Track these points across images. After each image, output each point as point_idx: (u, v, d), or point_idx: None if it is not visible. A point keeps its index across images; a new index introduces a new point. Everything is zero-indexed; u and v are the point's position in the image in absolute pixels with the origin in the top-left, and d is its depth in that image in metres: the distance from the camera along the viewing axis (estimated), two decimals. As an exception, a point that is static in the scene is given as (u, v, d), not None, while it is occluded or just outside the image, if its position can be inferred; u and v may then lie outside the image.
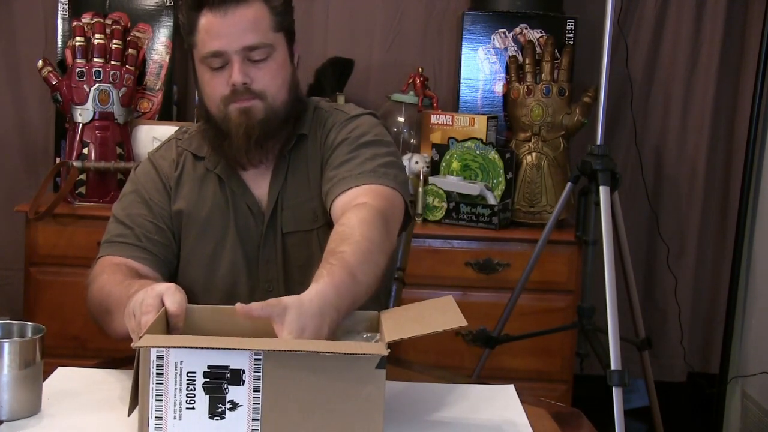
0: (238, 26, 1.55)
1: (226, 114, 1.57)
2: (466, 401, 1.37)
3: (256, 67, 1.56)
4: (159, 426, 1.14)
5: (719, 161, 3.12)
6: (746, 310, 2.99)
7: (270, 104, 1.57)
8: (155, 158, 1.71)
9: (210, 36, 1.55)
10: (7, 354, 1.22)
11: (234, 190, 1.65)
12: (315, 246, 1.62)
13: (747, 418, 2.94)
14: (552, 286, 2.67)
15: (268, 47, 1.57)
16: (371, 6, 3.14)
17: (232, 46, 1.54)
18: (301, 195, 1.63)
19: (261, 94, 1.57)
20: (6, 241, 3.07)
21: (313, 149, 1.65)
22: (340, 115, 1.69)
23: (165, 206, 1.66)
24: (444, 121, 2.85)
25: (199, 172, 1.68)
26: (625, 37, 3.04)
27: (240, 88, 1.55)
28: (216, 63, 1.56)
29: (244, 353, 1.13)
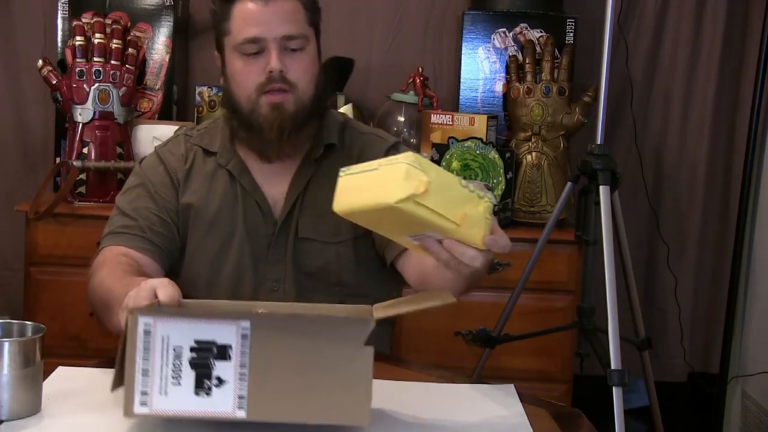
0: (278, 15, 1.57)
1: (257, 106, 1.58)
2: (466, 401, 1.37)
3: (291, 56, 1.58)
4: (144, 402, 1.13)
5: (719, 161, 3.12)
6: (746, 310, 2.99)
7: (300, 97, 1.59)
8: (162, 152, 1.71)
9: (247, 23, 1.57)
10: (7, 354, 1.22)
11: (245, 187, 1.65)
12: (331, 258, 1.63)
13: (747, 418, 2.94)
14: (552, 286, 2.67)
15: (304, 39, 1.59)
16: (371, 6, 3.14)
17: (272, 33, 1.56)
18: (325, 206, 1.61)
19: (293, 85, 1.58)
20: (6, 241, 3.07)
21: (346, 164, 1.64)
22: (380, 142, 1.71)
23: (171, 200, 1.66)
24: (444, 120, 2.85)
25: (209, 168, 1.68)
26: (625, 37, 3.04)
27: (276, 76, 1.56)
28: (251, 49, 1.57)
29: (231, 328, 1.12)
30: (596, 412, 1.66)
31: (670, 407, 2.85)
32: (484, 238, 1.18)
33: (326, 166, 1.65)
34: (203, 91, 2.97)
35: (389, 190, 1.13)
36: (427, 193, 1.12)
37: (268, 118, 1.57)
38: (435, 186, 1.13)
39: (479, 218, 1.18)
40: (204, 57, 3.13)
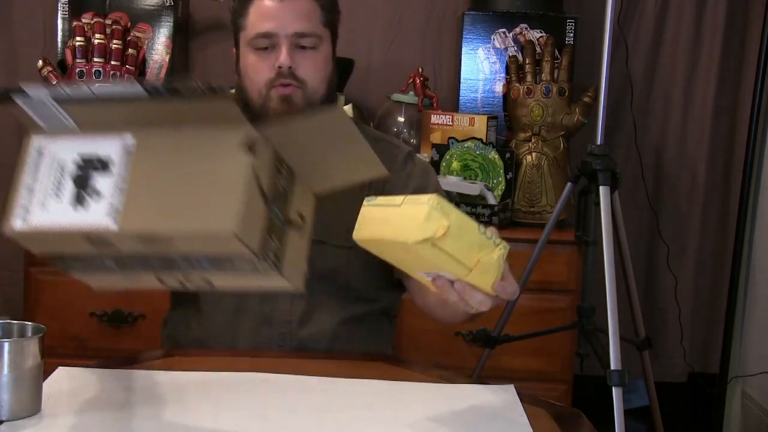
0: (292, 12, 1.59)
1: (267, 100, 1.60)
2: (466, 401, 1.37)
3: (302, 54, 1.59)
4: (24, 217, 1.14)
5: (719, 161, 3.12)
6: (746, 310, 2.99)
7: (309, 95, 1.60)
8: None
9: (262, 18, 1.59)
10: (7, 354, 1.22)
11: None
12: (342, 262, 1.62)
13: (747, 418, 2.94)
14: (552, 286, 2.67)
15: (317, 38, 1.61)
16: (371, 6, 3.14)
17: (285, 29, 1.58)
18: (338, 208, 1.59)
19: (302, 82, 1.59)
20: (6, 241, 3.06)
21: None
22: (393, 148, 1.71)
23: None
24: (444, 121, 2.85)
25: None
26: (625, 37, 3.04)
27: (285, 71, 1.58)
28: (263, 43, 1.59)
29: (115, 142, 1.11)
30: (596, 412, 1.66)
31: (670, 407, 2.85)
32: (494, 284, 1.22)
33: None
34: (203, 92, 2.97)
35: (409, 229, 1.16)
36: (445, 237, 1.15)
37: (277, 109, 1.59)
38: (454, 230, 1.16)
39: (492, 265, 1.21)
40: (204, 57, 3.13)
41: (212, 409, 1.30)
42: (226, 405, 1.31)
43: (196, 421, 1.26)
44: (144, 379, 1.41)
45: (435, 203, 1.15)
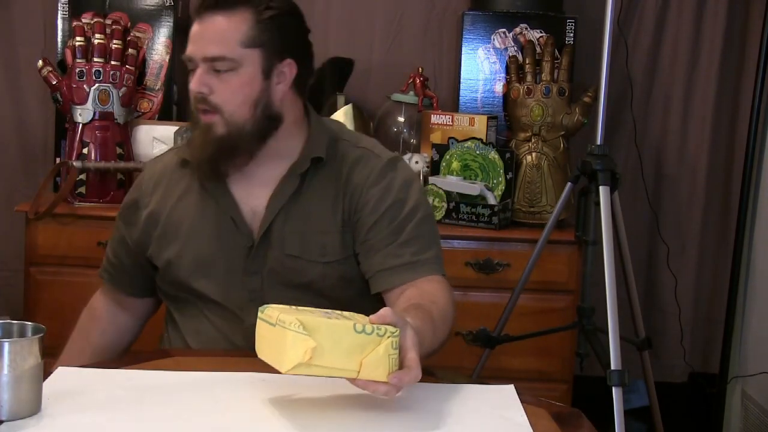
0: (206, 35, 1.55)
1: (198, 119, 1.58)
2: (466, 401, 1.37)
3: (218, 78, 1.54)
4: None
5: (719, 161, 3.12)
6: (746, 310, 2.99)
7: (228, 120, 1.55)
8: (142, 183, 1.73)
9: (189, 39, 1.57)
10: (7, 354, 1.22)
11: (217, 200, 1.63)
12: (317, 276, 1.61)
13: (747, 418, 2.94)
14: (552, 286, 2.67)
15: (231, 62, 1.54)
16: (371, 6, 3.14)
17: (198, 53, 1.55)
18: (314, 224, 1.61)
19: (217, 108, 1.55)
20: (6, 241, 3.07)
21: (335, 182, 1.63)
22: (372, 159, 1.65)
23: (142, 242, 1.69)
24: (444, 121, 2.85)
25: (185, 182, 1.67)
26: (625, 37, 3.04)
27: (198, 97, 1.55)
28: (190, 66, 1.57)
29: None
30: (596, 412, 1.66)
31: (670, 407, 2.85)
32: (389, 376, 1.21)
33: (314, 180, 1.62)
34: (203, 92, 2.97)
35: (281, 356, 1.20)
36: (315, 356, 1.18)
37: (198, 135, 1.58)
38: (323, 345, 1.18)
39: (380, 359, 1.21)
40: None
41: (212, 408, 1.30)
42: (226, 405, 1.31)
43: (196, 421, 1.26)
44: (144, 379, 1.41)
45: (297, 325, 1.18)
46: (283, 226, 1.60)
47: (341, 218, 1.61)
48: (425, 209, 1.66)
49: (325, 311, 1.27)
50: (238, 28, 1.54)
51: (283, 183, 1.61)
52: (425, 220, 1.64)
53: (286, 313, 1.22)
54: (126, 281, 1.77)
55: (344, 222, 1.61)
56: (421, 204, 1.65)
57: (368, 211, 1.60)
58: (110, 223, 2.57)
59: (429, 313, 1.43)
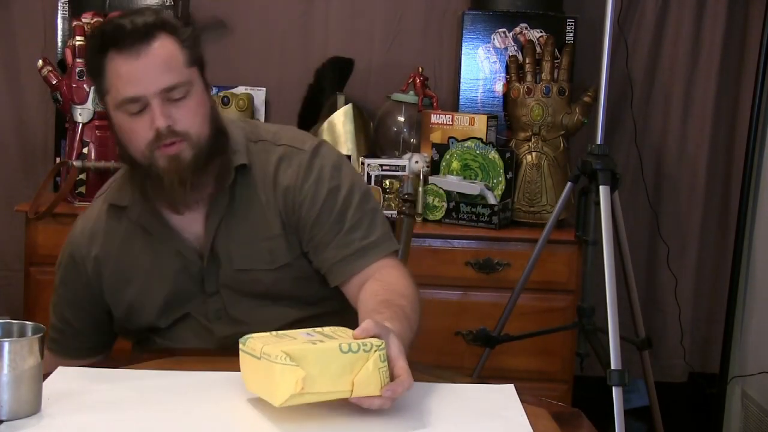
0: (152, 67, 1.47)
1: (153, 160, 1.50)
2: (466, 401, 1.37)
3: (176, 106, 1.49)
4: None
5: (719, 161, 3.12)
6: (746, 310, 2.99)
7: (195, 143, 1.50)
8: (75, 242, 1.67)
9: (124, 81, 1.47)
10: (7, 354, 1.22)
11: (160, 238, 1.59)
12: (271, 282, 1.60)
13: (747, 418, 2.94)
14: (552, 286, 2.67)
15: (186, 85, 1.50)
16: (371, 6, 3.14)
17: (150, 89, 1.46)
18: (254, 234, 1.59)
19: (185, 135, 1.49)
20: (6, 241, 3.07)
21: (263, 186, 1.60)
22: (296, 155, 1.61)
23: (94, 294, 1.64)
24: (444, 120, 2.85)
25: (123, 226, 1.62)
26: (625, 37, 3.04)
27: (164, 132, 1.47)
28: (135, 108, 1.48)
29: None
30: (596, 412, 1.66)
31: (670, 407, 2.85)
32: (383, 390, 1.22)
33: (241, 189, 1.59)
34: (203, 91, 2.96)
35: (272, 389, 1.21)
36: (306, 385, 1.18)
37: (167, 170, 1.50)
38: (313, 373, 1.19)
39: (370, 375, 1.22)
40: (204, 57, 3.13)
41: (212, 408, 1.30)
42: (226, 405, 1.30)
43: (195, 421, 1.26)
44: (144, 379, 1.41)
45: (283, 357, 1.18)
46: (226, 243, 1.58)
47: (280, 221, 1.59)
48: (360, 188, 1.63)
49: (306, 333, 1.28)
50: (175, 51, 1.50)
51: (213, 201, 1.57)
52: (364, 199, 1.62)
53: (269, 345, 1.22)
54: (78, 344, 1.70)
55: (284, 224, 1.59)
56: (356, 184, 1.63)
57: (306, 209, 1.58)
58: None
59: (401, 309, 1.44)
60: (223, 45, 3.12)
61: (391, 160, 2.79)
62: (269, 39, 3.13)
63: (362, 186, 1.65)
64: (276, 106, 3.12)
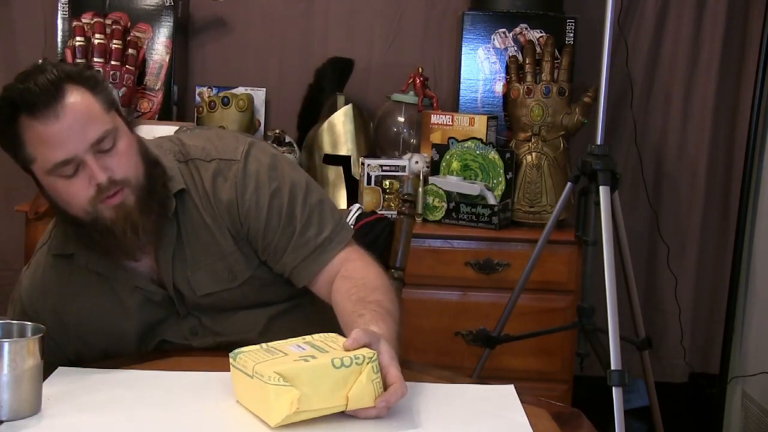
0: (76, 124, 1.39)
1: (98, 214, 1.44)
2: (466, 401, 1.37)
3: (109, 156, 1.42)
4: None
5: (719, 161, 3.12)
6: (746, 310, 2.99)
7: (135, 186, 1.45)
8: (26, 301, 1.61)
9: (50, 145, 1.39)
10: (7, 354, 1.22)
11: (117, 279, 1.55)
12: (239, 297, 1.58)
13: (747, 418, 2.94)
14: (552, 286, 2.67)
15: (113, 132, 1.43)
16: (371, 6, 3.14)
17: (80, 147, 1.39)
18: (208, 257, 1.56)
19: (125, 182, 1.44)
20: (6, 241, 3.07)
21: (205, 207, 1.56)
22: (229, 167, 1.56)
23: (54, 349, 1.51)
24: (444, 121, 2.85)
25: (74, 274, 1.57)
26: (625, 37, 3.04)
27: (105, 185, 1.41)
28: (69, 170, 1.40)
29: None
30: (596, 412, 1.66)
31: (670, 407, 2.85)
32: (377, 401, 1.23)
33: (184, 215, 1.54)
34: (203, 92, 2.97)
35: (267, 409, 1.21)
36: (301, 404, 1.19)
37: (115, 220, 1.44)
38: (308, 390, 1.20)
39: (364, 388, 1.23)
40: (204, 57, 3.13)
41: (212, 408, 1.30)
42: (225, 405, 1.30)
43: (195, 421, 1.26)
44: (144, 379, 1.41)
45: (275, 378, 1.19)
46: (183, 273, 1.55)
47: (231, 237, 1.56)
48: (301, 183, 1.59)
49: (297, 345, 1.28)
50: (90, 101, 1.42)
51: (160, 233, 1.52)
52: (308, 194, 1.58)
53: (261, 363, 1.22)
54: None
55: (235, 239, 1.56)
56: (296, 181, 1.59)
57: (253, 218, 1.55)
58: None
59: (379, 305, 1.42)
60: (223, 45, 3.12)
61: (391, 160, 2.79)
62: (269, 39, 3.14)
63: (302, 180, 1.60)
64: (276, 106, 3.13)
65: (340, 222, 1.60)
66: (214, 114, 2.85)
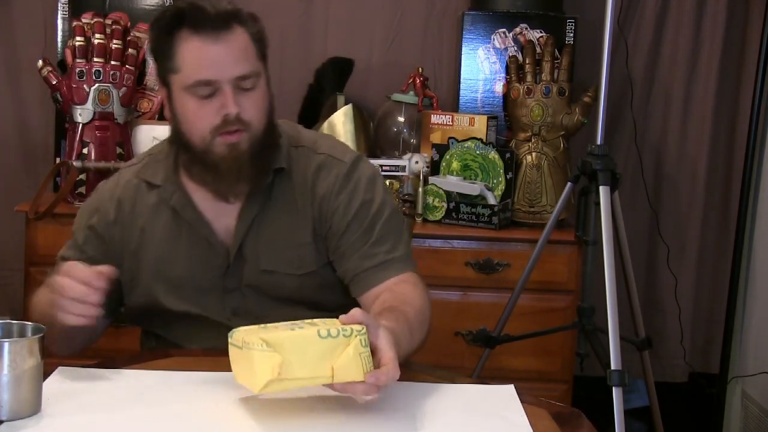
0: (230, 54, 1.50)
1: (211, 146, 1.52)
2: (466, 401, 1.37)
3: (245, 96, 1.52)
4: None
5: (719, 161, 3.12)
6: (746, 310, 2.99)
7: (254, 134, 1.53)
8: (100, 200, 1.65)
9: (199, 63, 1.49)
10: (7, 354, 1.22)
11: (190, 222, 1.60)
12: (296, 288, 1.60)
13: (747, 418, 2.94)
14: (552, 286, 2.67)
15: (256, 76, 1.53)
16: (371, 6, 3.14)
17: (226, 74, 1.49)
18: (285, 238, 1.60)
19: (248, 125, 1.52)
20: (6, 241, 3.07)
21: (301, 193, 1.61)
22: (335, 165, 1.63)
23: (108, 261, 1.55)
24: (444, 121, 2.85)
25: (151, 202, 1.62)
26: (625, 37, 3.04)
27: (232, 119, 1.50)
28: (205, 92, 1.50)
29: None
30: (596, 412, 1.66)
31: (670, 407, 2.85)
32: (366, 375, 1.21)
33: (279, 191, 1.60)
34: (203, 92, 2.96)
35: (252, 377, 1.22)
36: (283, 371, 1.19)
37: (225, 157, 1.52)
38: (290, 358, 1.19)
39: (351, 360, 1.21)
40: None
41: (212, 408, 1.30)
42: (225, 405, 1.31)
43: (195, 421, 1.26)
44: (143, 379, 1.41)
45: (260, 344, 1.19)
46: (255, 242, 1.59)
47: (312, 229, 1.60)
48: (391, 205, 1.65)
49: (292, 323, 1.27)
50: (249, 43, 1.53)
51: (249, 198, 1.59)
52: (393, 216, 1.64)
53: (251, 334, 1.23)
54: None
55: (315, 232, 1.60)
56: (387, 201, 1.65)
57: (338, 218, 1.60)
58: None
59: (404, 314, 1.43)
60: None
61: (391, 160, 2.79)
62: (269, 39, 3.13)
63: (393, 204, 1.67)
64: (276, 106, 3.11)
65: (409, 254, 1.64)
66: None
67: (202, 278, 1.60)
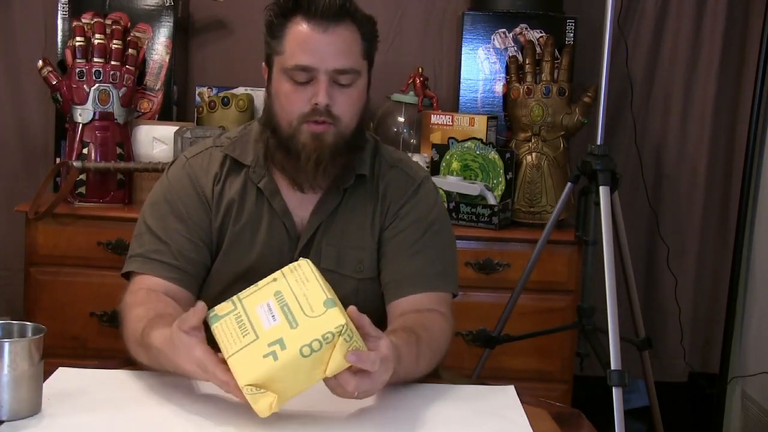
0: (334, 46, 1.51)
1: (297, 132, 1.53)
2: (466, 401, 1.37)
3: (339, 90, 1.52)
4: None
5: (719, 161, 3.12)
6: (746, 310, 2.99)
7: (341, 130, 1.54)
8: (193, 169, 1.64)
9: (301, 48, 1.51)
10: (7, 354, 1.22)
11: (275, 208, 1.61)
12: (351, 291, 1.61)
13: (747, 418, 2.94)
14: (552, 286, 2.67)
15: (356, 73, 1.54)
16: (371, 6, 3.10)
17: (324, 64, 1.50)
18: (351, 239, 1.62)
19: (337, 119, 1.53)
20: (6, 241, 3.07)
21: (372, 199, 1.63)
22: (405, 179, 1.66)
23: (203, 222, 1.61)
24: (444, 121, 2.85)
25: (239, 181, 1.63)
26: (625, 37, 3.04)
27: (321, 109, 1.51)
28: (301, 77, 1.51)
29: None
30: (596, 412, 1.66)
31: (670, 407, 2.85)
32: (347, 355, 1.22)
33: (354, 196, 1.63)
34: (203, 92, 2.97)
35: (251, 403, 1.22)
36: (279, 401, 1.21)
37: (307, 146, 1.53)
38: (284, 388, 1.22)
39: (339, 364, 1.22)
40: (204, 57, 3.13)
41: (211, 408, 1.30)
42: (225, 405, 1.31)
43: (195, 421, 1.26)
44: (144, 380, 1.41)
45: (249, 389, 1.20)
46: (321, 239, 1.61)
47: (377, 236, 1.63)
48: (447, 229, 1.68)
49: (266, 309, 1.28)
50: (357, 40, 1.54)
51: (326, 196, 1.61)
52: (448, 245, 1.66)
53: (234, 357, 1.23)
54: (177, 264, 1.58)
55: (378, 240, 1.63)
56: (445, 224, 1.67)
57: (393, 226, 1.62)
58: (110, 223, 2.59)
59: (417, 337, 1.43)
60: (223, 45, 3.13)
61: (391, 160, 2.79)
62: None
63: (449, 232, 1.69)
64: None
65: (452, 276, 1.66)
66: (214, 114, 2.86)
67: (273, 262, 1.58)
